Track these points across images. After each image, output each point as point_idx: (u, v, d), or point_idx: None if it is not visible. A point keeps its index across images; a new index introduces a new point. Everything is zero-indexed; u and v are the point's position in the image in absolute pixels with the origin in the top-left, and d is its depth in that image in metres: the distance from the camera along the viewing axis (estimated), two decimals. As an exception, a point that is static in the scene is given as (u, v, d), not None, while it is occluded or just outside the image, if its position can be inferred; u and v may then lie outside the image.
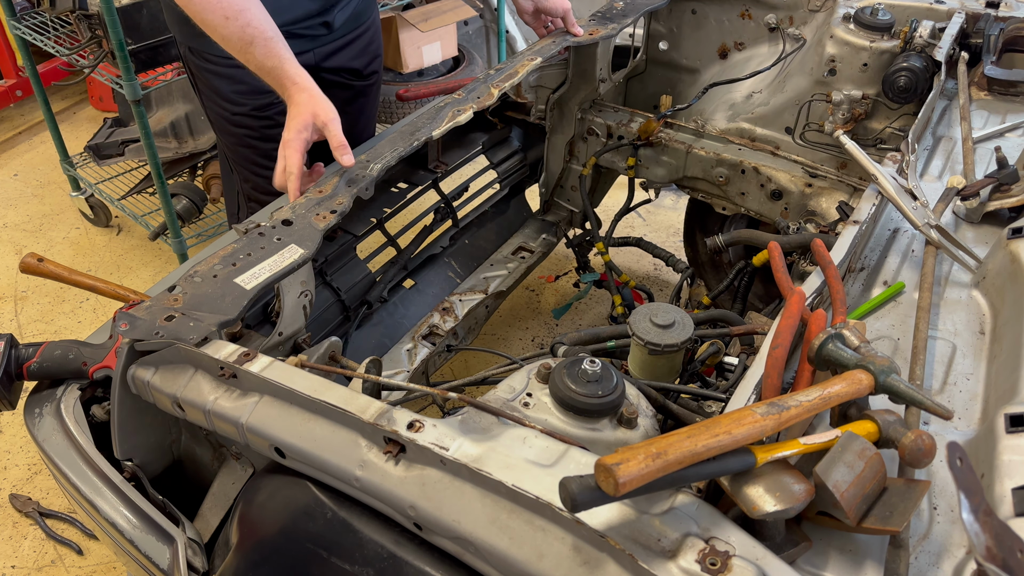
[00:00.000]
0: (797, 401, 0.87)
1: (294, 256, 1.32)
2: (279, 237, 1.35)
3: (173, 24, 1.94)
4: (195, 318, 1.18)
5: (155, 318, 1.17)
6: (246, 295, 1.23)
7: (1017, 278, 1.20)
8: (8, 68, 4.19)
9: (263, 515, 1.09)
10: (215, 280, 1.25)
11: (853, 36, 1.92)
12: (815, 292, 1.22)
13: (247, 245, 1.32)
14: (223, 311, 1.19)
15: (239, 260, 1.29)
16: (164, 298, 1.21)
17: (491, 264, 2.25)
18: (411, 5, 3.83)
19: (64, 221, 3.60)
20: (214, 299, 1.21)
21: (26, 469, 2.42)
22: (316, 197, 1.46)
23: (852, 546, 0.86)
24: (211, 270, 1.27)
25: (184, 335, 1.14)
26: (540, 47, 1.94)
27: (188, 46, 1.92)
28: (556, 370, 1.07)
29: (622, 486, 0.73)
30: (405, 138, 1.64)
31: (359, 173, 1.53)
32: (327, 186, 1.49)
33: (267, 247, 1.32)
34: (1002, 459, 0.91)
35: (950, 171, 1.62)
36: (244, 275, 1.26)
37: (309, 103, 1.53)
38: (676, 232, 3.38)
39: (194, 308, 1.20)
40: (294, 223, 1.38)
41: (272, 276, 1.27)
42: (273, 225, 1.37)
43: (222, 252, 1.31)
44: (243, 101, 1.93)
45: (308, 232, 1.36)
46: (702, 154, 2.06)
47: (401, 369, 1.88)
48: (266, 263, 1.29)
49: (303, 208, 1.42)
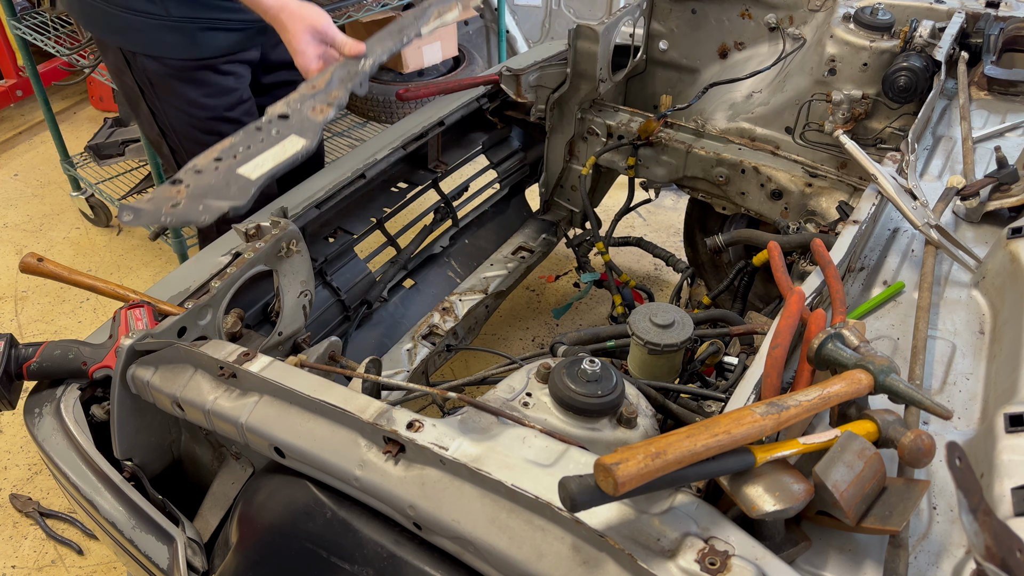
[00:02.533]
0: (796, 401, 0.87)
1: (296, 147, 1.27)
2: (277, 130, 1.30)
3: (107, 29, 1.79)
4: (203, 203, 1.14)
5: (159, 207, 1.13)
6: (252, 184, 1.19)
7: (1017, 278, 1.20)
8: (8, 68, 4.19)
9: (263, 515, 1.09)
10: (217, 171, 1.21)
11: (853, 36, 1.92)
12: (815, 292, 1.22)
13: (245, 139, 1.28)
14: (230, 198, 1.16)
15: (239, 153, 1.25)
16: (167, 190, 1.17)
17: (491, 264, 2.25)
18: (411, 5, 3.83)
19: (64, 221, 3.60)
20: (219, 188, 1.18)
21: (26, 469, 2.42)
22: (310, 92, 1.41)
23: (851, 546, 0.86)
24: (211, 163, 1.22)
25: (193, 217, 1.10)
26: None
27: (144, 55, 1.79)
28: (556, 370, 1.07)
29: (621, 486, 0.73)
30: (393, 36, 1.59)
31: (352, 68, 1.48)
32: (321, 81, 1.44)
33: (267, 139, 1.28)
34: (1001, 459, 0.91)
35: (950, 171, 1.62)
36: (247, 165, 1.22)
37: (299, 20, 1.52)
38: (676, 232, 3.38)
39: (200, 197, 1.16)
40: (291, 117, 1.33)
41: (277, 166, 1.23)
42: (269, 120, 1.32)
43: (220, 146, 1.26)
44: (212, 104, 1.86)
45: (307, 124, 1.32)
46: (702, 154, 2.06)
47: (401, 369, 1.88)
48: (268, 154, 1.25)
49: (297, 103, 1.37)
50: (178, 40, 1.76)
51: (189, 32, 1.76)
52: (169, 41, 1.76)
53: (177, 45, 1.76)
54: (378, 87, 3.68)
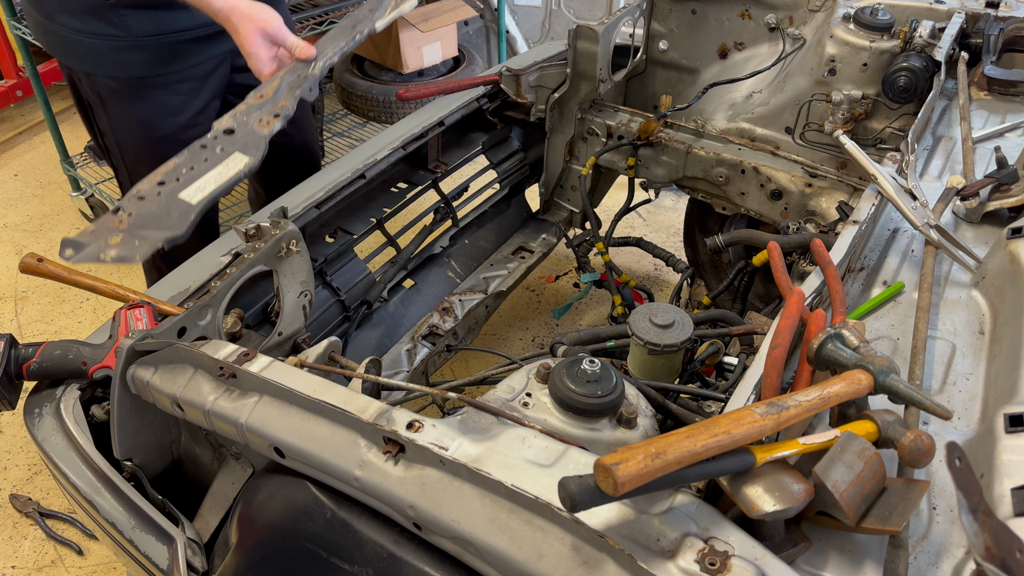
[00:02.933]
0: (796, 401, 0.87)
1: (239, 165, 1.25)
2: (222, 147, 1.28)
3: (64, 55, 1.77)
4: (140, 237, 1.13)
5: (100, 241, 1.12)
6: (192, 209, 1.18)
7: (1017, 278, 1.20)
8: (8, 68, 4.19)
9: (263, 515, 1.09)
10: (159, 197, 1.20)
11: (853, 36, 1.92)
12: (815, 292, 1.22)
13: (189, 159, 1.26)
14: (169, 227, 1.15)
15: (182, 175, 1.23)
16: (108, 220, 1.16)
17: (491, 264, 2.25)
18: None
19: (64, 221, 3.60)
20: (159, 216, 1.17)
21: (26, 469, 2.42)
22: (257, 102, 1.38)
23: (851, 546, 0.86)
24: (154, 188, 1.21)
25: (130, 254, 1.09)
26: None
27: (94, 74, 1.76)
28: (555, 370, 1.07)
29: (621, 486, 0.73)
30: (346, 32, 1.54)
31: (301, 73, 1.45)
32: (268, 89, 1.41)
33: (210, 158, 1.26)
34: (1001, 459, 0.91)
35: (950, 171, 1.62)
36: (189, 189, 1.21)
37: (249, 21, 1.50)
38: (676, 232, 3.38)
39: (140, 227, 1.15)
40: (236, 131, 1.31)
41: (218, 188, 1.22)
42: (215, 136, 1.31)
43: (164, 168, 1.25)
44: (163, 123, 1.83)
45: (252, 139, 1.30)
46: (702, 154, 2.06)
47: (401, 369, 1.88)
48: (210, 175, 1.23)
49: (244, 115, 1.35)
50: (139, 59, 1.73)
51: (150, 50, 1.74)
52: (131, 60, 1.73)
53: (139, 63, 1.74)
54: (378, 87, 3.68)
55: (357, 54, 3.88)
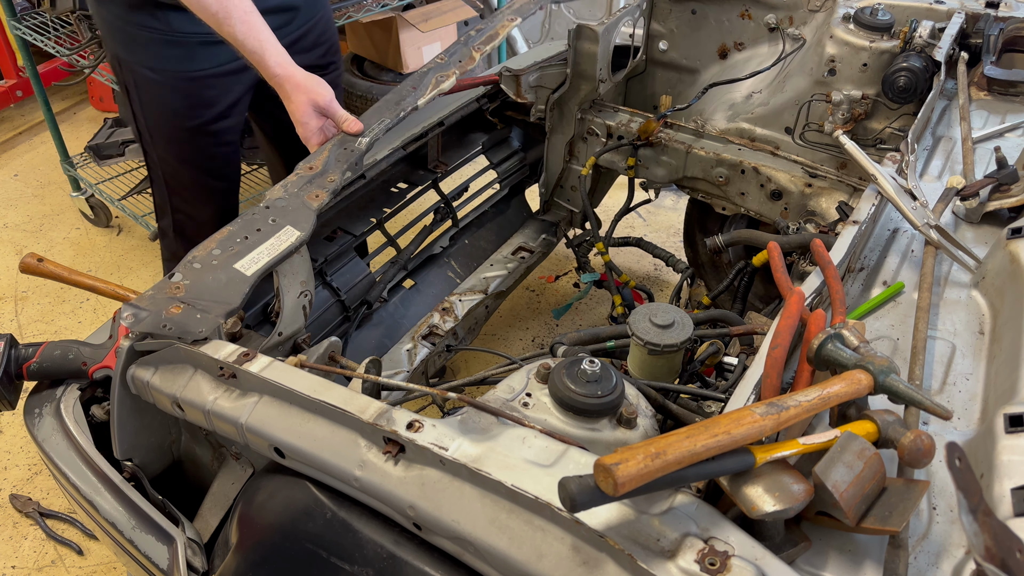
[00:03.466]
0: (796, 401, 0.87)
1: (291, 239, 1.30)
2: (274, 218, 1.33)
3: (110, 40, 1.85)
4: (200, 308, 1.16)
5: (160, 309, 1.16)
6: (247, 281, 1.22)
7: (1016, 278, 1.20)
8: (8, 68, 4.19)
9: (263, 515, 1.09)
10: (215, 267, 1.23)
11: (853, 36, 1.92)
12: (814, 292, 1.22)
13: (242, 228, 1.30)
14: (226, 299, 1.18)
15: (236, 244, 1.27)
16: (166, 286, 1.20)
17: (491, 264, 2.25)
18: (411, 5, 3.83)
19: (64, 221, 3.60)
20: (216, 287, 1.20)
21: (26, 469, 2.42)
22: (307, 174, 1.43)
23: (851, 546, 0.86)
24: (209, 255, 1.25)
25: (192, 328, 1.13)
26: (519, 7, 1.93)
27: (132, 60, 1.83)
28: (555, 370, 1.07)
29: (621, 486, 0.73)
30: (391, 107, 1.61)
31: (348, 147, 1.51)
32: (317, 161, 1.47)
33: (263, 228, 1.31)
34: (1001, 459, 0.91)
35: (950, 171, 1.62)
36: (243, 260, 1.24)
37: (301, 92, 1.55)
38: (676, 232, 3.38)
39: (196, 297, 1.18)
40: (288, 202, 1.36)
41: (271, 260, 1.26)
42: (267, 206, 1.35)
43: (218, 235, 1.29)
44: (194, 115, 1.87)
45: (302, 212, 1.35)
46: (702, 154, 2.06)
47: (401, 369, 1.88)
48: (263, 247, 1.28)
49: (295, 186, 1.39)
50: (177, 53, 1.78)
51: (188, 46, 1.78)
52: (167, 54, 1.79)
53: (174, 58, 1.79)
54: (378, 87, 3.68)
55: (357, 54, 3.88)
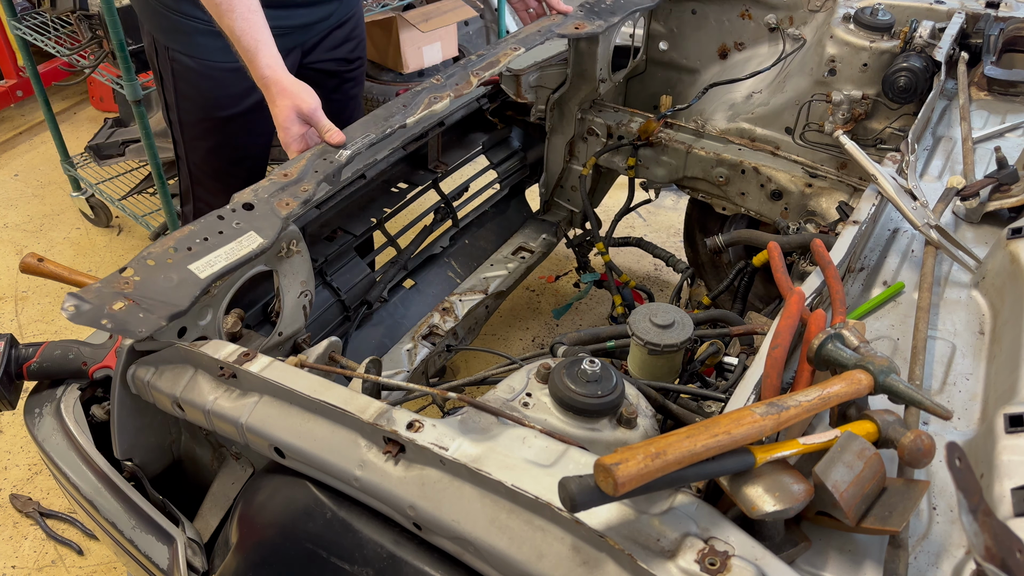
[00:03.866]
0: (796, 401, 0.87)
1: (252, 245, 1.25)
2: (238, 222, 1.28)
3: (152, 25, 1.88)
4: (145, 308, 1.11)
5: (104, 304, 1.11)
6: (199, 284, 1.17)
7: (1017, 278, 1.20)
8: (9, 68, 4.19)
9: (263, 515, 1.09)
10: (169, 265, 1.19)
11: (853, 36, 1.92)
12: (815, 292, 1.22)
13: (204, 228, 1.26)
14: (174, 300, 1.14)
15: (195, 244, 1.23)
16: (115, 280, 1.15)
17: (491, 264, 2.25)
18: (411, 5, 3.83)
19: (65, 221, 3.60)
20: (166, 286, 1.15)
21: (26, 469, 2.42)
22: (281, 181, 1.39)
23: (851, 546, 0.86)
24: (165, 253, 1.21)
25: (132, 327, 1.08)
26: (524, 36, 1.90)
27: (169, 47, 1.86)
28: (556, 370, 1.07)
29: (621, 486, 0.73)
30: (378, 123, 1.57)
31: (328, 158, 1.47)
32: (293, 169, 1.42)
33: (225, 232, 1.26)
34: (1001, 459, 0.91)
35: (950, 171, 1.62)
36: (199, 262, 1.20)
37: (286, 97, 1.53)
38: (676, 232, 3.38)
39: (144, 295, 1.13)
40: (256, 207, 1.32)
41: (227, 265, 1.21)
42: (234, 208, 1.31)
43: (178, 234, 1.24)
44: (227, 104, 1.89)
45: (269, 219, 1.30)
46: (702, 154, 2.06)
47: (401, 369, 1.89)
48: (222, 251, 1.23)
49: (266, 192, 1.35)
50: (218, 44, 1.78)
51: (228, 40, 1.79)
52: (209, 45, 1.80)
53: (215, 49, 1.79)
54: (378, 87, 3.68)
55: (357, 54, 3.87)
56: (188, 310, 1.14)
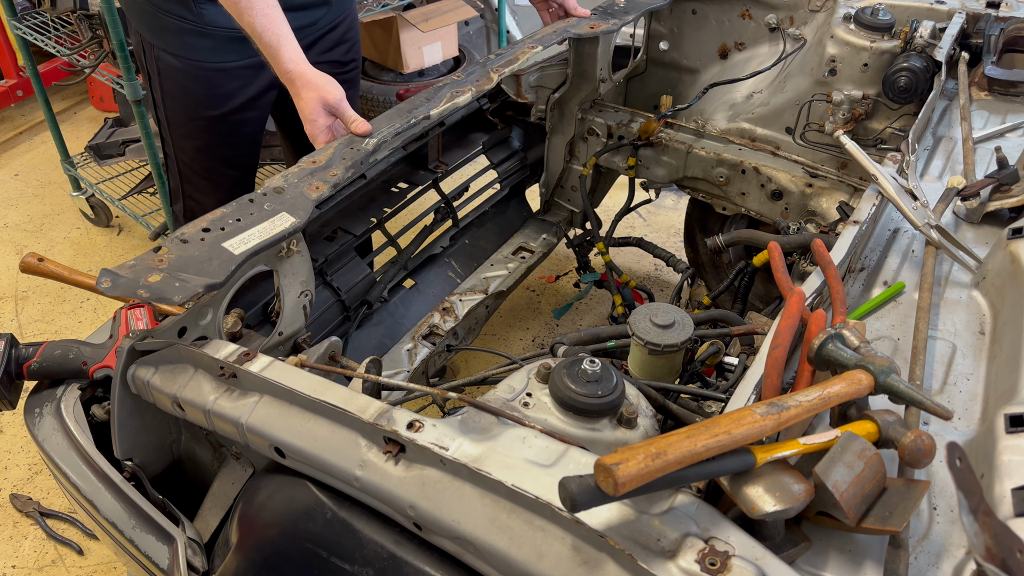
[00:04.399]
0: (797, 401, 0.87)
1: (285, 224, 1.27)
2: (270, 205, 1.31)
3: (139, 24, 1.87)
4: (180, 279, 1.12)
5: (139, 276, 1.12)
6: (234, 259, 1.18)
7: (1017, 278, 1.20)
8: (9, 68, 4.19)
9: (263, 515, 1.09)
10: (203, 243, 1.20)
11: (853, 36, 1.92)
12: (815, 292, 1.22)
13: (236, 210, 1.28)
14: (209, 274, 1.15)
15: (228, 225, 1.25)
16: (149, 258, 1.16)
17: (491, 264, 2.25)
18: (412, 5, 3.83)
19: (65, 221, 3.60)
20: (200, 262, 1.17)
21: (27, 469, 2.42)
22: (310, 167, 1.41)
23: (852, 546, 0.86)
24: (198, 232, 1.22)
25: (168, 295, 1.09)
26: (541, 36, 1.92)
27: (158, 46, 1.85)
28: (556, 370, 1.07)
29: (621, 486, 0.73)
30: (403, 115, 1.61)
31: (354, 146, 1.50)
32: (321, 156, 1.45)
33: (257, 213, 1.28)
34: (1002, 459, 0.91)
35: (950, 171, 1.62)
36: (232, 240, 1.22)
37: (311, 89, 1.54)
38: (676, 232, 3.38)
39: (179, 269, 1.15)
40: (286, 191, 1.34)
41: (261, 243, 1.23)
42: (264, 192, 1.33)
43: (210, 216, 1.26)
44: (215, 104, 1.89)
45: (300, 201, 1.33)
46: (702, 154, 2.06)
47: (401, 369, 1.88)
48: (255, 229, 1.25)
49: (296, 177, 1.38)
50: (206, 44, 1.79)
51: (218, 39, 1.79)
52: (196, 44, 1.79)
53: (203, 48, 1.79)
54: (379, 87, 3.68)
55: (357, 54, 3.87)
56: (224, 283, 1.15)
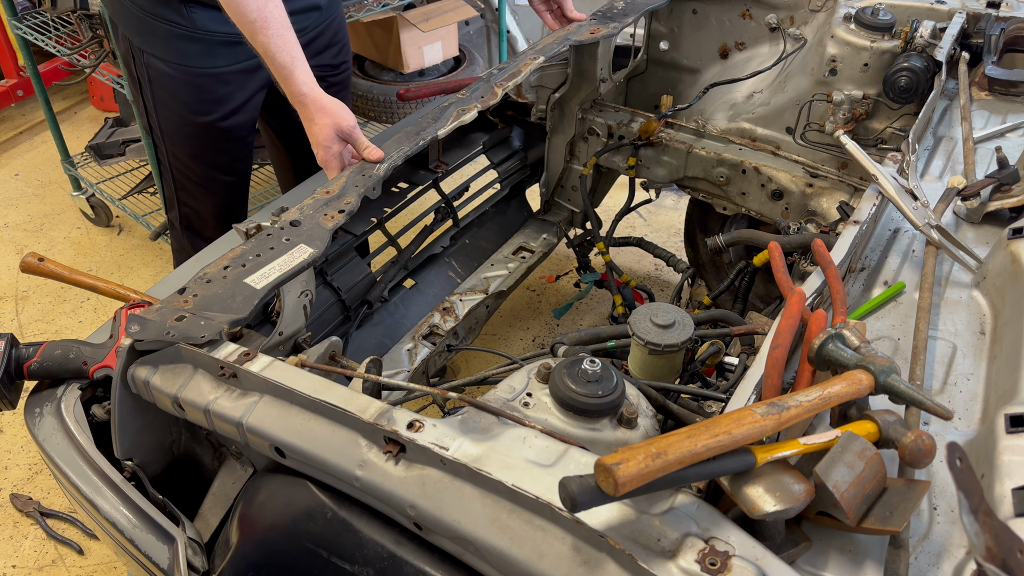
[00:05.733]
0: (797, 401, 0.87)
1: (304, 255, 1.31)
2: (288, 237, 1.34)
3: (128, 29, 1.84)
4: (205, 317, 1.17)
5: (165, 319, 1.16)
6: (256, 294, 1.22)
7: (1017, 278, 1.20)
8: (9, 68, 4.19)
9: (263, 515, 1.09)
10: (225, 280, 1.24)
11: (854, 36, 1.92)
12: (815, 292, 1.22)
13: (256, 246, 1.32)
14: (234, 310, 1.19)
15: (248, 261, 1.29)
16: (174, 300, 1.21)
17: (491, 264, 2.25)
18: (412, 5, 3.83)
19: (65, 221, 3.60)
20: (224, 299, 1.21)
21: (27, 469, 2.42)
22: (324, 197, 1.45)
23: (852, 546, 0.86)
24: (220, 271, 1.26)
25: (194, 334, 1.13)
26: (542, 46, 1.94)
27: (148, 52, 1.82)
28: (556, 370, 1.07)
29: (622, 486, 0.73)
30: (411, 138, 1.64)
31: (366, 173, 1.54)
32: (335, 186, 1.49)
33: (276, 247, 1.32)
34: (1002, 459, 0.91)
35: (951, 171, 1.62)
36: (254, 275, 1.26)
37: (326, 115, 1.55)
38: (677, 232, 3.38)
39: (204, 308, 1.19)
40: (302, 223, 1.38)
41: (282, 275, 1.27)
42: (281, 226, 1.37)
43: (231, 254, 1.30)
44: (206, 110, 1.88)
45: (316, 231, 1.36)
46: (703, 154, 2.06)
47: (401, 369, 1.88)
48: (275, 263, 1.29)
49: (311, 208, 1.42)
50: (196, 49, 1.78)
51: (209, 44, 1.78)
52: (186, 49, 1.79)
53: (195, 54, 1.79)
54: (379, 87, 3.68)
55: (358, 54, 3.88)
56: (249, 317, 1.19)
